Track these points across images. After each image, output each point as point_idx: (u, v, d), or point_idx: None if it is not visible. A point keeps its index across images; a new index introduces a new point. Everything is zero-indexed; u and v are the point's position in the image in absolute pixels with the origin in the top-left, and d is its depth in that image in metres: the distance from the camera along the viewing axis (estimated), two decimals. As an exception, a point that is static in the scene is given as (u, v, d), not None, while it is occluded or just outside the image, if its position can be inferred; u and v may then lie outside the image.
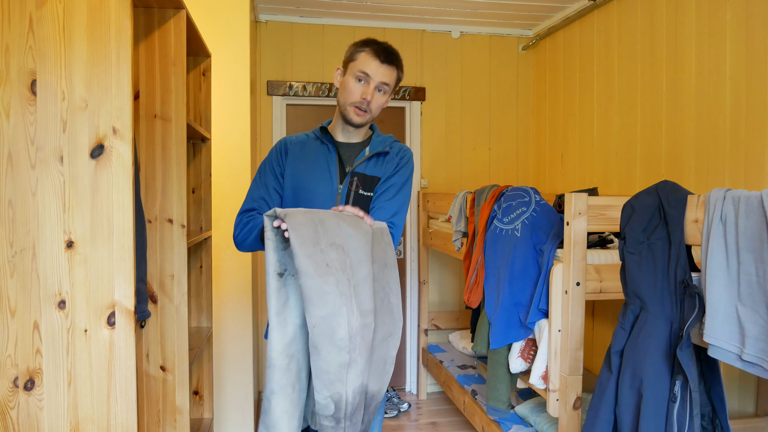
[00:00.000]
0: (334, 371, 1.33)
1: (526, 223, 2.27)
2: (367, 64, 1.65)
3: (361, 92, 1.67)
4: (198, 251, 2.58)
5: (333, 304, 1.31)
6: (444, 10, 3.77)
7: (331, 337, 1.31)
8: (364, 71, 1.65)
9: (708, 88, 2.58)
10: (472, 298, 2.59)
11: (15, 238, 1.39)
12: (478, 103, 4.23)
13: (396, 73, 1.70)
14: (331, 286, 1.32)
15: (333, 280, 1.33)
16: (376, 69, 1.65)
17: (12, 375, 1.39)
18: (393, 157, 1.77)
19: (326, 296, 1.31)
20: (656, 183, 1.63)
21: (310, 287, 1.30)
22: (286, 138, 1.82)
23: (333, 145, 1.75)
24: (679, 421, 1.47)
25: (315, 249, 1.33)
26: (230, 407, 3.09)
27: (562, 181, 3.88)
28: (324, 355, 1.32)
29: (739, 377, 2.50)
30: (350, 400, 1.37)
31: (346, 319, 1.33)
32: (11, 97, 1.38)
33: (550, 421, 2.53)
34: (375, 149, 1.75)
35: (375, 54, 1.65)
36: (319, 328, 1.31)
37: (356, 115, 1.69)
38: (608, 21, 3.34)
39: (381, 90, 1.68)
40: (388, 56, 1.66)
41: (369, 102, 1.66)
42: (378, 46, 1.67)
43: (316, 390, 1.35)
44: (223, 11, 3.01)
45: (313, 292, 1.30)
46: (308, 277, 1.30)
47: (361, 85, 1.67)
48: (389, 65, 1.67)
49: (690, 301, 1.48)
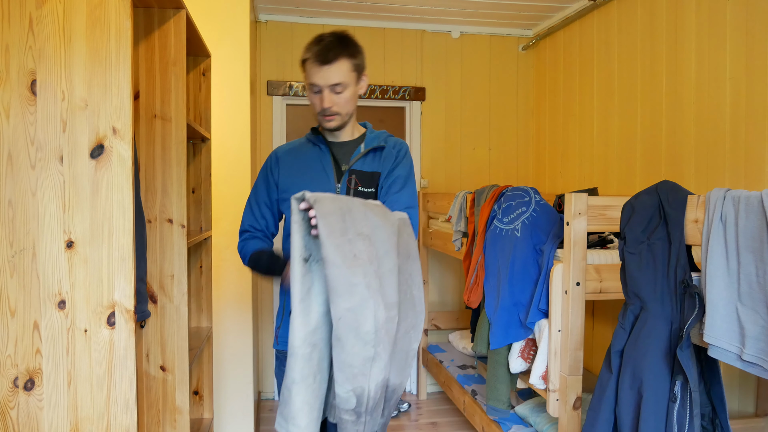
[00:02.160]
0: (358, 365, 1.30)
1: (526, 223, 2.27)
2: (312, 73, 1.59)
3: (319, 101, 1.62)
4: (198, 251, 2.58)
5: (360, 297, 1.28)
6: (444, 10, 3.77)
7: (356, 330, 1.29)
8: (312, 82, 1.61)
9: (708, 88, 2.58)
10: (472, 298, 2.59)
11: (15, 238, 1.39)
12: (478, 103, 4.23)
13: (347, 64, 1.60)
14: (358, 278, 1.29)
15: (361, 271, 1.29)
16: (321, 75, 1.58)
17: (12, 375, 1.39)
18: (390, 150, 1.74)
19: (354, 288, 1.28)
20: (656, 183, 1.63)
21: (337, 278, 1.27)
22: (277, 148, 1.81)
23: (325, 145, 1.73)
24: (679, 421, 1.47)
25: (343, 239, 1.30)
26: (230, 407, 3.09)
27: (562, 181, 3.88)
28: (348, 348, 1.29)
29: (739, 377, 2.50)
30: (372, 394, 1.35)
31: (372, 313, 1.30)
32: (11, 97, 1.38)
33: (550, 421, 2.53)
34: (370, 145, 1.73)
35: (315, 60, 1.58)
36: (345, 321, 1.28)
37: (326, 122, 1.66)
38: (608, 21, 3.34)
39: (338, 91, 1.61)
40: (327, 56, 1.57)
41: (330, 107, 1.62)
42: (317, 47, 1.59)
43: (338, 383, 1.32)
44: (223, 11, 3.01)
45: (340, 284, 1.27)
46: (335, 267, 1.27)
47: (317, 95, 1.62)
48: (332, 63, 1.57)
49: (690, 301, 1.48)
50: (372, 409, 1.36)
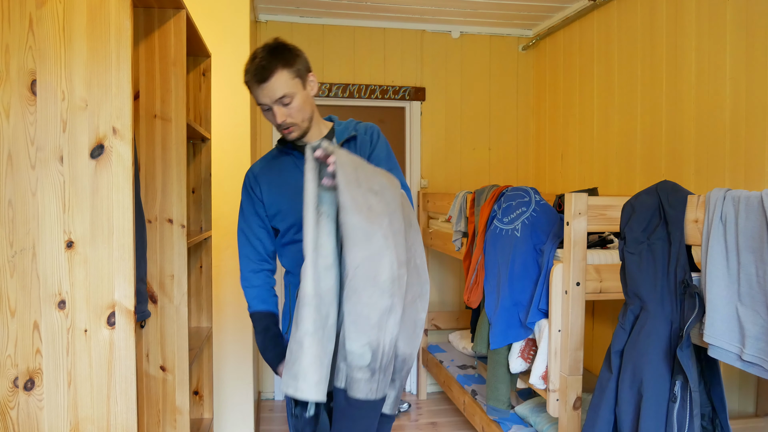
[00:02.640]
0: (374, 316, 1.27)
1: (526, 223, 2.27)
2: (256, 94, 1.56)
3: (273, 119, 1.59)
4: (198, 251, 2.58)
5: (378, 245, 1.26)
6: (444, 10, 3.77)
7: (374, 279, 1.26)
8: (259, 102, 1.57)
9: (708, 88, 2.58)
10: (472, 298, 2.59)
11: (15, 238, 1.39)
12: (478, 103, 4.23)
13: (285, 74, 1.54)
14: (375, 227, 1.27)
15: (377, 221, 1.28)
16: (263, 94, 1.54)
17: (12, 375, 1.39)
18: (363, 137, 1.71)
19: (372, 236, 1.26)
20: (656, 183, 1.63)
21: (355, 225, 1.25)
22: (252, 167, 1.76)
23: (298, 151, 1.70)
24: (679, 421, 1.47)
25: (358, 191, 1.28)
26: (230, 407, 3.09)
27: (562, 181, 3.88)
28: (365, 298, 1.26)
29: (739, 377, 2.50)
30: (386, 350, 1.31)
31: (389, 261, 1.27)
32: (11, 97, 1.38)
33: (550, 421, 2.53)
34: (341, 137, 1.70)
35: (253, 80, 1.54)
36: (363, 269, 1.25)
37: (287, 134, 1.62)
38: (608, 21, 3.34)
39: (286, 103, 1.56)
40: (264, 73, 1.52)
41: (284, 120, 1.58)
42: (252, 67, 1.55)
43: (351, 339, 1.28)
44: (223, 11, 3.01)
45: (359, 231, 1.25)
46: (354, 215, 1.25)
47: (268, 112, 1.59)
48: (270, 79, 1.52)
49: (690, 301, 1.48)
50: (385, 367, 1.32)
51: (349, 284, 1.27)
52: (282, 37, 1.62)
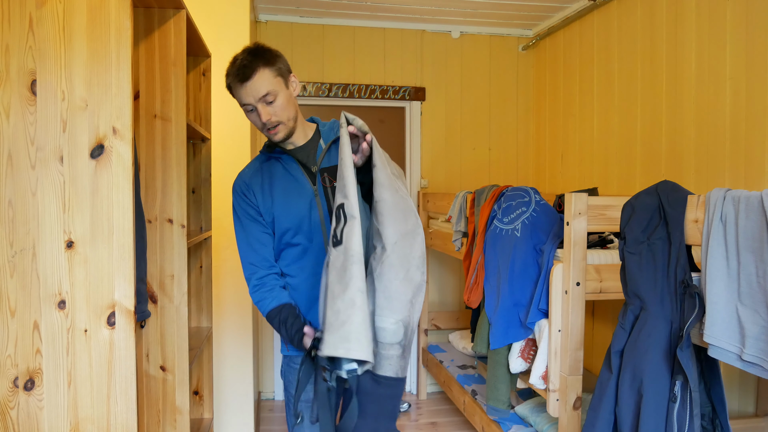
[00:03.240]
0: (409, 293, 1.29)
1: (526, 223, 2.27)
2: (240, 95, 1.57)
3: (258, 119, 1.58)
4: (198, 251, 2.58)
5: (412, 222, 1.30)
6: (444, 10, 3.77)
7: (410, 256, 1.29)
8: (243, 103, 1.57)
9: (708, 88, 2.58)
10: (472, 298, 2.59)
11: (15, 238, 1.39)
12: (478, 103, 4.23)
13: (267, 72, 1.56)
14: (410, 204, 1.31)
15: (409, 200, 1.33)
16: (246, 93, 1.55)
17: (12, 375, 1.39)
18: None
19: (408, 214, 1.29)
20: (656, 183, 1.63)
21: (394, 203, 1.28)
22: (240, 175, 1.72)
23: (286, 155, 1.69)
24: (679, 421, 1.47)
25: (388, 171, 1.33)
26: (230, 407, 3.09)
27: (562, 181, 3.88)
28: (402, 275, 1.28)
29: (739, 377, 2.50)
30: (414, 326, 1.33)
31: (421, 238, 1.31)
32: (11, 97, 1.38)
33: (550, 421, 2.53)
34: (329, 139, 1.70)
35: (235, 80, 1.55)
36: (400, 246, 1.27)
37: (273, 135, 1.61)
38: (608, 21, 3.34)
39: (269, 101, 1.56)
40: (245, 72, 1.54)
41: (269, 119, 1.57)
42: (233, 68, 1.56)
43: (384, 315, 1.27)
44: (223, 11, 3.01)
45: (397, 209, 1.28)
46: (392, 192, 1.28)
47: (253, 113, 1.59)
48: (252, 78, 1.54)
49: (690, 301, 1.47)
50: (411, 342, 1.34)
51: (386, 260, 1.27)
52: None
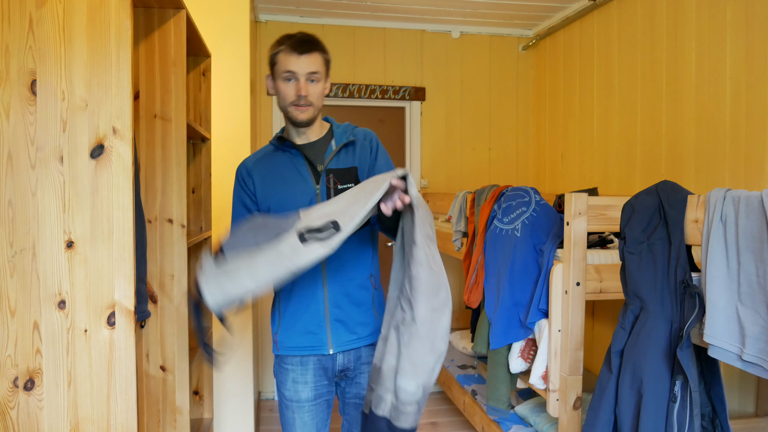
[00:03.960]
0: (432, 361, 1.37)
1: (526, 223, 2.27)
2: (288, 61, 1.61)
3: (294, 90, 1.62)
4: (198, 251, 2.58)
5: (443, 297, 1.37)
6: (444, 10, 3.77)
7: (436, 329, 1.36)
8: (289, 69, 1.61)
9: (708, 88, 2.58)
10: (472, 298, 2.59)
11: (15, 238, 1.39)
12: (478, 103, 4.23)
13: (321, 57, 1.64)
14: (441, 280, 1.37)
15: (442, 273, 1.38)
16: (298, 62, 1.60)
17: (12, 375, 1.39)
18: (363, 143, 1.73)
19: (439, 290, 1.36)
20: (656, 183, 1.63)
21: (429, 282, 1.34)
22: (245, 161, 1.75)
23: (296, 149, 1.70)
24: (679, 421, 1.47)
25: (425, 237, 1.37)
26: (230, 407, 3.09)
27: (562, 181, 3.87)
28: (429, 345, 1.36)
29: (739, 377, 2.50)
30: (431, 385, 1.42)
31: (449, 311, 1.37)
32: (11, 97, 1.38)
33: (550, 421, 2.53)
34: (341, 141, 1.72)
35: (292, 49, 1.61)
36: (429, 320, 1.35)
37: (300, 112, 1.64)
38: (608, 21, 3.34)
39: (313, 80, 1.63)
40: (306, 45, 1.61)
41: (306, 96, 1.62)
42: (291, 39, 1.63)
43: (407, 378, 1.37)
44: (223, 11, 3.01)
45: (429, 286, 1.35)
46: (425, 269, 1.34)
47: (292, 83, 1.63)
48: (310, 53, 1.61)
49: (690, 301, 1.47)
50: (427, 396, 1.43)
51: (414, 332, 1.35)
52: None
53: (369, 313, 1.71)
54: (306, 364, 1.68)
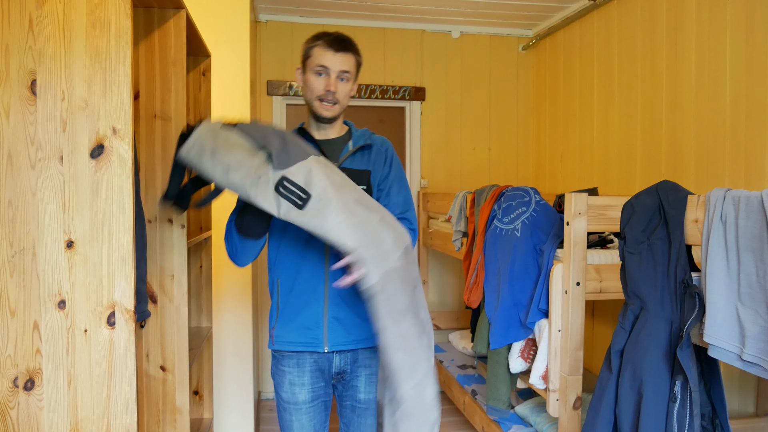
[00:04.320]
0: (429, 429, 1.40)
1: (526, 223, 2.27)
2: (323, 56, 1.64)
3: (323, 85, 1.65)
4: (198, 251, 2.58)
5: (422, 371, 1.37)
6: (444, 10, 3.77)
7: (423, 402, 1.38)
8: (322, 64, 1.64)
9: (708, 88, 2.58)
10: (472, 298, 2.59)
11: (15, 238, 1.38)
12: (478, 103, 4.23)
13: (354, 58, 1.68)
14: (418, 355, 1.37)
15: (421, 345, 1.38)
16: (332, 59, 1.64)
17: (12, 375, 1.39)
18: (378, 149, 1.76)
19: (416, 366, 1.36)
20: (656, 183, 1.63)
21: (400, 363, 1.34)
22: None
23: (314, 143, 1.72)
24: (679, 421, 1.47)
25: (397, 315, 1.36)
26: (230, 407, 3.09)
27: (562, 181, 3.87)
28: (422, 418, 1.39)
29: (739, 377, 2.50)
30: None
31: (433, 380, 1.38)
32: (11, 97, 1.38)
33: (550, 421, 2.53)
34: (358, 143, 1.74)
35: (328, 45, 1.64)
36: (413, 397, 1.36)
37: (325, 109, 1.67)
38: (608, 21, 3.33)
39: (343, 78, 1.66)
40: (342, 44, 1.65)
41: (334, 93, 1.65)
42: (329, 36, 1.66)
43: None
44: (223, 11, 3.01)
45: (404, 366, 1.35)
46: (396, 352, 1.34)
47: (322, 78, 1.65)
48: (345, 52, 1.65)
49: (690, 301, 1.47)
50: None
51: (404, 411, 1.37)
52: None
53: (368, 316, 1.71)
54: (302, 366, 1.68)
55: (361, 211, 1.40)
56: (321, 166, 1.42)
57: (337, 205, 1.36)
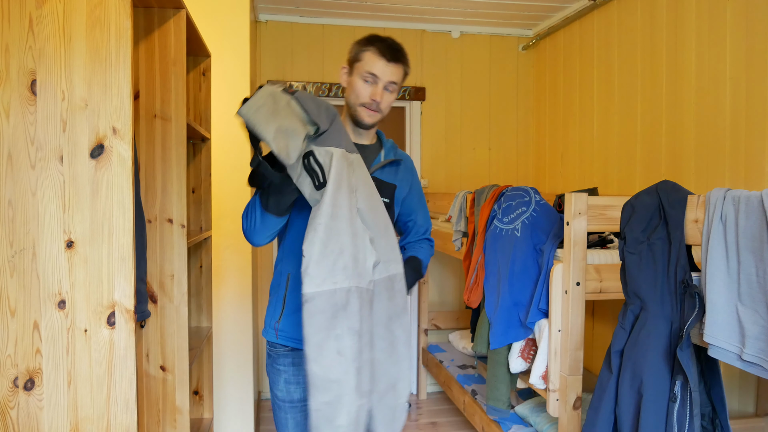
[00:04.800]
0: None
1: (526, 223, 2.27)
2: (374, 64, 1.61)
3: (369, 93, 1.63)
4: (198, 251, 2.58)
5: (335, 393, 1.36)
6: (444, 10, 3.77)
7: (331, 423, 1.37)
8: (371, 72, 1.61)
9: (708, 88, 2.58)
10: (472, 298, 2.59)
11: (15, 238, 1.39)
12: (478, 103, 4.23)
13: (403, 69, 1.66)
14: (337, 375, 1.36)
15: (341, 369, 1.36)
16: (383, 69, 1.61)
17: (12, 375, 1.39)
18: (406, 166, 1.79)
19: (329, 385, 1.35)
20: (656, 183, 1.63)
21: (316, 375, 1.35)
22: None
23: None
24: (679, 421, 1.47)
25: (329, 334, 1.35)
26: (230, 407, 3.09)
27: (562, 181, 3.87)
28: None
29: (739, 377, 2.50)
30: None
31: (346, 408, 1.37)
32: (11, 97, 1.38)
33: (550, 421, 2.53)
34: (389, 155, 1.75)
35: (381, 53, 1.61)
36: (322, 413, 1.36)
37: (367, 116, 1.66)
38: (608, 21, 3.34)
39: (389, 89, 1.65)
40: (394, 54, 1.62)
41: (379, 103, 1.64)
42: (383, 43, 1.63)
43: None
44: (223, 11, 3.01)
45: (318, 380, 1.35)
46: (314, 363, 1.35)
47: (369, 85, 1.63)
48: (396, 63, 1.63)
49: (690, 301, 1.48)
50: None
51: (311, 422, 1.38)
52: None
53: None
54: (298, 364, 1.67)
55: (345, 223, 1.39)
56: (343, 162, 1.41)
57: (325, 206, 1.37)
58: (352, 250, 1.39)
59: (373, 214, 1.47)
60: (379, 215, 1.49)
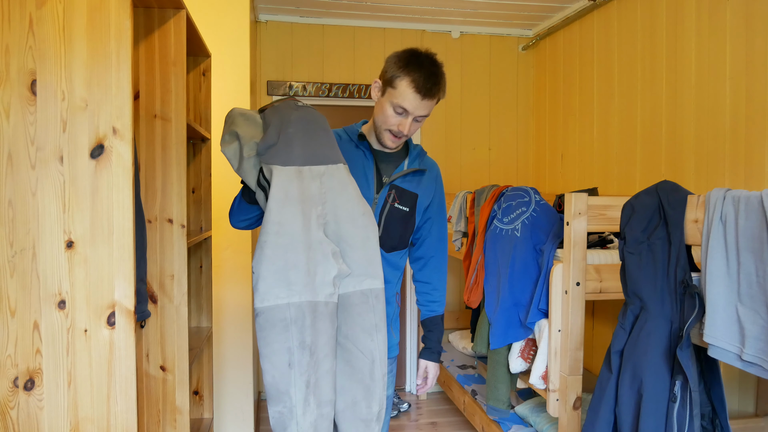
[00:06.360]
0: None
1: (526, 223, 2.27)
2: (407, 99, 1.54)
3: (398, 123, 1.59)
4: (198, 251, 2.58)
5: (288, 404, 1.37)
6: (444, 10, 3.77)
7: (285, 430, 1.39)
8: (402, 106, 1.55)
9: (708, 88, 2.58)
10: (472, 298, 2.59)
11: (15, 238, 1.39)
12: (478, 103, 4.23)
13: (434, 104, 1.60)
14: (288, 387, 1.37)
15: (292, 381, 1.37)
16: (417, 105, 1.55)
17: (12, 375, 1.39)
18: (430, 175, 1.75)
19: (282, 396, 1.37)
20: (656, 183, 1.63)
21: (270, 385, 1.37)
22: None
23: (371, 153, 1.68)
24: (679, 421, 1.47)
25: (281, 347, 1.36)
26: (230, 407, 3.09)
27: (562, 181, 3.88)
28: None
29: (739, 377, 2.50)
30: None
31: (296, 421, 1.38)
32: (11, 97, 1.38)
33: (550, 421, 2.53)
34: (413, 163, 1.71)
35: (416, 88, 1.53)
36: (276, 420, 1.39)
37: (391, 141, 1.63)
38: (608, 21, 3.34)
39: (418, 120, 1.60)
40: (430, 90, 1.54)
41: (406, 132, 1.60)
42: (421, 74, 1.53)
43: None
44: (223, 11, 3.01)
45: (272, 390, 1.37)
46: (266, 374, 1.37)
47: (399, 116, 1.58)
48: (430, 99, 1.56)
49: (690, 301, 1.48)
50: None
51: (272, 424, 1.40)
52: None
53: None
54: None
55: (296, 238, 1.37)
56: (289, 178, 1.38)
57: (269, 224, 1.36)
58: (306, 264, 1.36)
59: (350, 225, 1.41)
60: (357, 227, 1.42)
